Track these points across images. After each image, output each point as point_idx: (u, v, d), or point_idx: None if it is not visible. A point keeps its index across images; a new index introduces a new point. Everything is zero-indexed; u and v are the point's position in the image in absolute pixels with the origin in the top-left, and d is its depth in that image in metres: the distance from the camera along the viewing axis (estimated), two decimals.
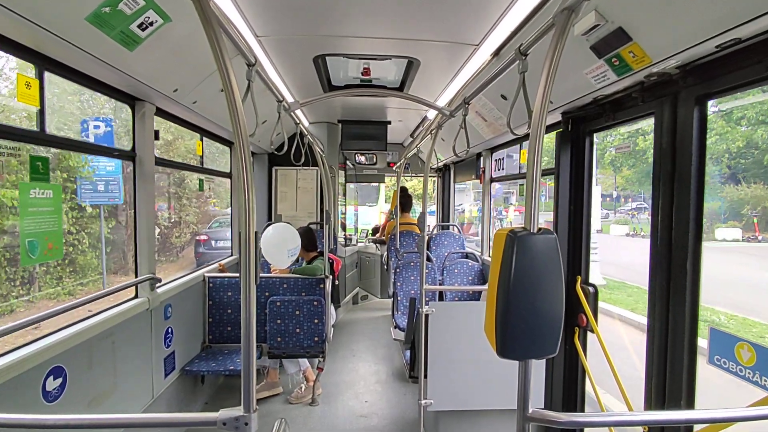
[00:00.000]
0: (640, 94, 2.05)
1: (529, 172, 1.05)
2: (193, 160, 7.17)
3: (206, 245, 11.76)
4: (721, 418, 1.15)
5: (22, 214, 1.88)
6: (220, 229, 12.78)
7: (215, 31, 1.10)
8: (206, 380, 3.78)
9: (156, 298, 2.91)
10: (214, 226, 13.20)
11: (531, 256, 0.96)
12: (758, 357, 1.63)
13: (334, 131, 5.96)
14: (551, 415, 1.04)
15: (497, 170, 4.89)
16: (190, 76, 2.69)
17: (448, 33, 2.57)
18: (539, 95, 1.05)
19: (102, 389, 2.38)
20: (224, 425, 1.12)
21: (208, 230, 12.94)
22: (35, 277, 6.83)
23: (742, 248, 6.79)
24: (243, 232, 1.14)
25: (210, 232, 12.53)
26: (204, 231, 12.69)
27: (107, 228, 8.25)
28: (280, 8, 2.30)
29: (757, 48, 1.50)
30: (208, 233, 12.32)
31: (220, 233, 12.30)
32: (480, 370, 2.76)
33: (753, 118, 5.56)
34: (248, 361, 1.16)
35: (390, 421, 3.54)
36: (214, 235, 12.30)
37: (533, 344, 0.98)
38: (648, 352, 2.05)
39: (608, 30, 1.76)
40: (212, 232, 12.56)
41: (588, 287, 2.58)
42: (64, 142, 2.47)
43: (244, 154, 1.15)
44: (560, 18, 1.08)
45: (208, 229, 13.04)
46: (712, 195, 6.54)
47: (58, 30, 1.71)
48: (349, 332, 5.79)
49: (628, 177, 11.94)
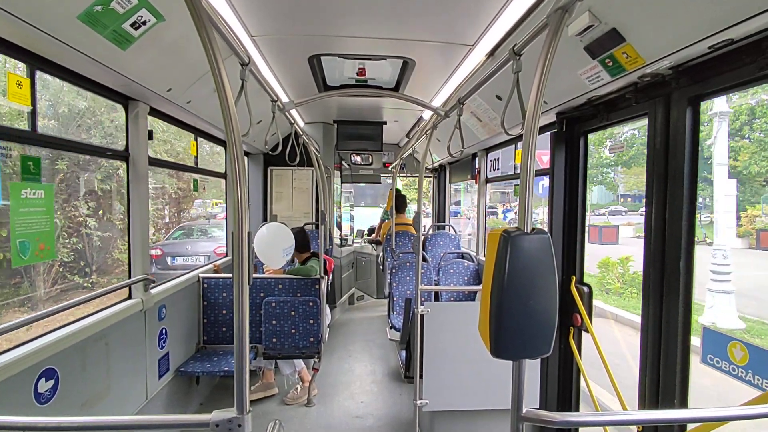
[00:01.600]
0: (633, 94, 2.06)
1: (522, 173, 1.05)
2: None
3: (159, 263, 8.80)
4: (714, 417, 1.16)
5: (13, 215, 1.86)
6: (183, 242, 9.65)
7: (208, 30, 1.09)
8: (201, 381, 3.76)
9: (150, 299, 2.89)
10: (174, 236, 10.18)
11: (524, 256, 0.95)
12: (751, 356, 1.64)
13: (330, 131, 5.95)
14: (545, 415, 1.04)
15: (492, 171, 4.90)
16: (184, 76, 2.67)
17: (443, 33, 2.57)
18: (533, 95, 1.05)
19: (95, 391, 2.36)
20: (217, 427, 1.12)
21: (166, 242, 9.89)
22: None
23: None
24: (236, 232, 1.13)
25: (167, 245, 9.50)
26: (160, 243, 9.76)
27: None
28: (274, 7, 2.29)
29: (750, 49, 1.51)
30: (164, 246, 9.43)
31: (182, 247, 9.32)
32: (475, 370, 2.76)
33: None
34: (241, 362, 1.16)
35: (385, 422, 3.54)
36: (173, 248, 9.30)
37: (527, 344, 0.98)
38: (642, 351, 2.05)
39: (602, 31, 1.77)
40: (171, 244, 9.56)
41: (582, 287, 2.59)
42: (55, 141, 2.45)
43: (237, 154, 1.14)
44: (553, 18, 1.08)
45: (166, 241, 10.00)
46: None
47: (49, 29, 1.70)
48: (344, 333, 5.78)
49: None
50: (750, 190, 8.24)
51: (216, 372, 3.36)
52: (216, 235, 10.06)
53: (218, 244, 9.13)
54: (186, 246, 9.32)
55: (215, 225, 11.08)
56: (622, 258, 8.54)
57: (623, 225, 12.56)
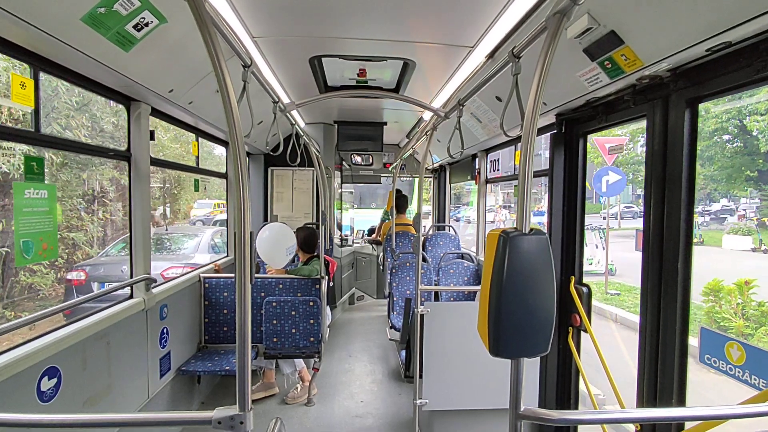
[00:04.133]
0: (632, 96, 2.07)
1: (521, 173, 1.07)
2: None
3: (82, 289, 6.50)
4: (711, 416, 1.17)
5: (16, 215, 1.87)
6: (116, 262, 7.14)
7: (210, 31, 1.10)
8: (202, 380, 3.77)
9: (151, 299, 2.91)
10: (112, 252, 7.83)
11: (523, 256, 0.97)
12: (748, 356, 1.66)
13: (331, 132, 5.96)
14: (543, 413, 1.05)
15: (493, 171, 4.92)
16: (185, 77, 2.68)
17: (443, 35, 2.58)
18: (531, 97, 1.07)
19: (97, 390, 2.37)
20: (219, 424, 1.13)
21: (101, 259, 7.51)
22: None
23: None
24: (238, 232, 1.15)
25: (97, 265, 7.01)
26: (88, 262, 7.44)
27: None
28: (275, 9, 2.30)
29: (748, 51, 1.52)
30: (95, 265, 7.00)
31: (116, 268, 6.81)
32: (475, 369, 2.77)
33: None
34: (243, 360, 1.17)
35: (385, 421, 3.55)
36: (105, 270, 6.82)
37: (525, 343, 0.99)
38: (640, 350, 2.07)
39: (600, 33, 1.79)
40: (104, 264, 7.08)
41: (581, 287, 2.60)
42: (58, 142, 2.47)
43: (240, 154, 1.16)
44: (552, 21, 1.09)
45: (101, 258, 7.65)
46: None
47: (53, 30, 1.71)
48: (345, 332, 5.79)
49: (706, 173, 9.69)
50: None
51: (217, 371, 3.37)
52: (181, 249, 8.22)
53: (171, 264, 7.07)
54: (122, 267, 6.71)
55: (192, 231, 9.19)
56: (740, 283, 5.98)
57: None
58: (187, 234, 8.98)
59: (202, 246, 8.34)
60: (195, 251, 8.16)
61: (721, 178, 9.67)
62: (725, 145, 9.27)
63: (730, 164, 9.17)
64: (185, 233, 9.08)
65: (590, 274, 9.55)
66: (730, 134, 8.78)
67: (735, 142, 8.67)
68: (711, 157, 9.56)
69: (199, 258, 7.58)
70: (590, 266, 9.80)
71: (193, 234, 9.01)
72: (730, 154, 9.21)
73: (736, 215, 11.68)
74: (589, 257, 9.92)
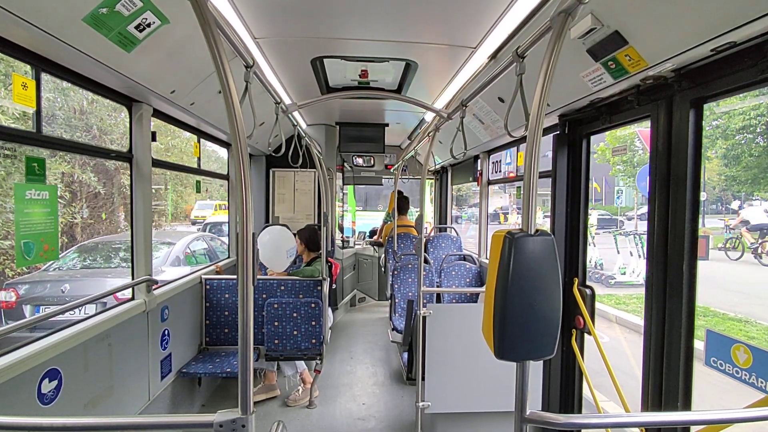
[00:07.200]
0: (636, 97, 2.06)
1: (526, 175, 1.06)
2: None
3: (12, 314, 5.14)
4: (717, 420, 1.15)
5: (17, 215, 1.87)
6: (56, 279, 5.60)
7: (213, 32, 1.10)
8: (203, 383, 3.76)
9: (153, 300, 2.90)
10: (67, 260, 6.49)
11: (528, 258, 0.96)
12: (754, 359, 1.64)
13: (332, 133, 5.96)
14: (548, 417, 1.04)
15: (495, 173, 4.91)
16: (187, 78, 2.68)
17: (445, 36, 2.58)
18: (536, 98, 1.06)
19: (98, 392, 2.36)
20: (221, 427, 1.12)
21: (33, 277, 5.89)
22: None
23: None
24: (240, 233, 1.14)
25: (37, 284, 5.50)
26: (22, 279, 5.94)
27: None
28: (278, 10, 2.30)
29: (752, 51, 1.51)
30: (29, 285, 5.50)
31: (56, 287, 5.34)
32: (478, 372, 2.76)
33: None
34: (245, 363, 1.16)
35: (387, 424, 3.53)
36: (41, 290, 5.36)
37: (531, 345, 0.98)
38: (645, 353, 2.05)
39: (604, 34, 1.78)
40: (42, 282, 5.54)
41: (585, 289, 2.59)
42: (60, 142, 2.47)
43: (242, 155, 1.15)
44: (557, 21, 1.09)
45: (48, 273, 6.10)
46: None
47: (55, 31, 1.71)
48: (346, 334, 5.78)
49: (725, 173, 9.06)
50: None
51: (218, 373, 3.36)
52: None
53: (114, 278, 5.84)
54: (63, 286, 5.36)
55: (161, 238, 7.62)
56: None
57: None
58: (158, 241, 7.16)
59: (172, 257, 6.80)
60: (163, 263, 6.67)
61: (746, 179, 9.16)
62: (751, 144, 8.71)
63: (756, 164, 8.70)
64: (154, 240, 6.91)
65: (625, 285, 8.93)
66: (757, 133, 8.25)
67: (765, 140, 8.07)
68: (737, 156, 9.11)
69: (167, 274, 6.09)
70: (623, 276, 9.27)
71: (165, 242, 7.38)
72: (758, 152, 8.75)
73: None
74: (622, 266, 9.45)
